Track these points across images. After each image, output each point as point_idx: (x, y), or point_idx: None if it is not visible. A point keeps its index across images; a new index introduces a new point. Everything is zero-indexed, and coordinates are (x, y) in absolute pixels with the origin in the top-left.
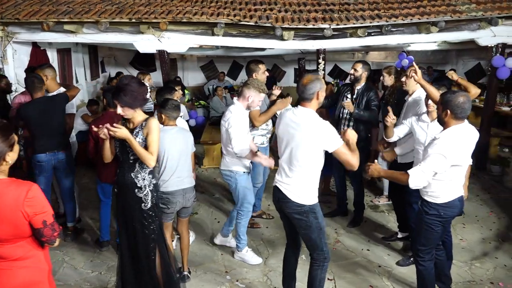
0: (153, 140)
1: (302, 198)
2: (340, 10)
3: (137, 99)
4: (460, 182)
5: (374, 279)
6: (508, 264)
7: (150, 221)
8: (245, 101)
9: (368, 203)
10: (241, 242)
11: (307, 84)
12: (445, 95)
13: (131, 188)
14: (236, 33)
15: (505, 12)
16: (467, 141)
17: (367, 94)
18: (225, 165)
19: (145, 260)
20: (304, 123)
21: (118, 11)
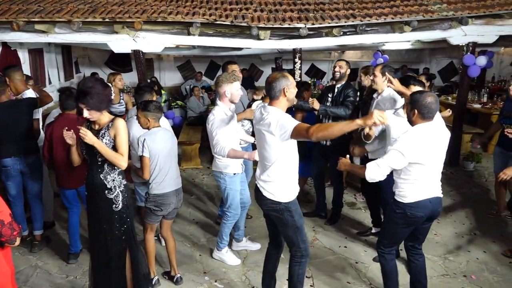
0: (122, 140)
1: (276, 196)
2: (315, 9)
3: (104, 101)
4: (431, 183)
5: (351, 276)
6: (480, 257)
7: (121, 223)
8: (225, 98)
9: (345, 200)
10: (222, 242)
11: (272, 82)
12: (414, 95)
13: (101, 190)
14: (212, 33)
15: (474, 12)
16: (432, 141)
17: (345, 91)
18: (216, 167)
19: (116, 262)
20: (267, 121)
21: (91, 11)
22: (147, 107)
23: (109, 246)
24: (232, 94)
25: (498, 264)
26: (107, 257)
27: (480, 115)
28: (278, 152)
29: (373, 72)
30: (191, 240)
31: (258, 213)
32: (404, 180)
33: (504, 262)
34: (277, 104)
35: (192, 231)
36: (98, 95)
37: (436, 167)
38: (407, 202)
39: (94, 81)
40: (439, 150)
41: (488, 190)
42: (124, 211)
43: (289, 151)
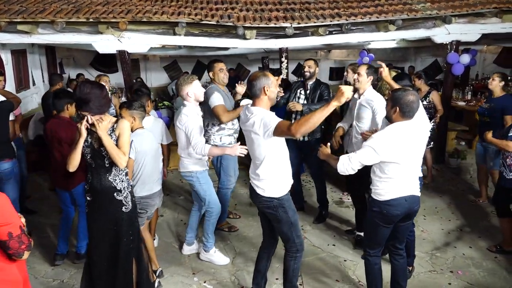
0: (125, 141)
1: (268, 192)
2: (301, 9)
3: (104, 103)
4: (407, 182)
5: (340, 274)
6: (466, 253)
7: (130, 223)
8: (190, 98)
9: (333, 198)
10: (208, 241)
11: (253, 80)
12: (396, 92)
13: (110, 192)
14: (198, 33)
15: (457, 11)
16: (409, 140)
17: (320, 88)
18: (184, 167)
19: (123, 264)
20: (251, 121)
21: (74, 11)
22: (133, 105)
23: (117, 248)
24: (194, 93)
25: (484, 259)
26: (113, 260)
27: (465, 113)
28: (266, 150)
29: (357, 72)
30: (179, 241)
31: (246, 213)
32: (380, 178)
33: (489, 257)
34: (259, 103)
35: (181, 232)
36: (98, 99)
37: (413, 166)
38: (383, 200)
39: (90, 86)
40: (416, 149)
41: (474, 186)
42: (133, 212)
43: (278, 147)
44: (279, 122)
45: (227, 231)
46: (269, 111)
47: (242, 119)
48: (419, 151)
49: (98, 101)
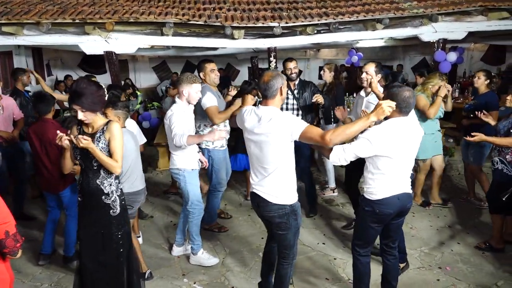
0: (116, 146)
1: (281, 199)
2: (288, 8)
3: (98, 102)
4: (400, 179)
5: (330, 272)
6: (454, 249)
7: (119, 227)
8: (183, 97)
9: (323, 197)
10: (195, 243)
11: (269, 81)
12: (392, 88)
13: (98, 195)
14: (186, 33)
15: (444, 9)
16: (403, 136)
17: (309, 87)
18: (173, 164)
19: (113, 269)
20: (269, 120)
21: (60, 12)
22: (118, 105)
23: (107, 251)
24: (189, 94)
25: (472, 255)
26: (103, 263)
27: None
28: (283, 154)
29: (365, 70)
30: (169, 242)
31: (236, 213)
32: (373, 175)
33: (477, 253)
34: (273, 103)
35: (170, 233)
36: (92, 96)
37: (405, 163)
38: (375, 199)
39: (87, 82)
40: (410, 146)
41: (461, 182)
42: (121, 216)
43: (292, 151)
44: (308, 127)
45: (217, 231)
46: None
47: (249, 122)
48: (412, 149)
49: (92, 98)
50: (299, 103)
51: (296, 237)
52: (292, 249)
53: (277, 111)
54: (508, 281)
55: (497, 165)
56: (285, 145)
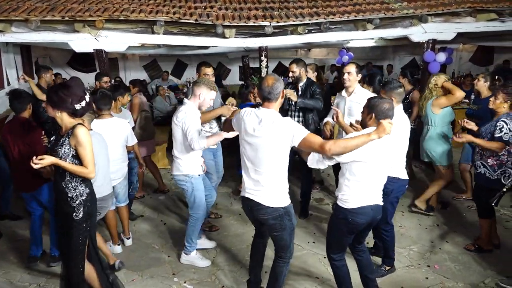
0: (84, 151)
1: (276, 201)
2: (280, 8)
3: (59, 102)
4: (373, 189)
5: (320, 270)
6: (442, 247)
7: (80, 232)
8: (197, 99)
9: (313, 196)
10: (191, 245)
11: (273, 84)
12: (372, 100)
13: (62, 198)
14: (177, 31)
15: (433, 10)
16: (380, 144)
17: (310, 88)
18: (179, 170)
19: (74, 270)
20: (271, 123)
21: (49, 9)
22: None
23: (68, 253)
24: (204, 99)
25: (460, 254)
26: (67, 264)
27: None
28: (279, 158)
29: (348, 71)
30: (159, 241)
31: (227, 212)
32: (348, 182)
33: (465, 251)
34: (274, 106)
35: (161, 233)
36: (56, 94)
37: (379, 171)
38: (349, 207)
39: (76, 81)
40: (384, 155)
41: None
42: (84, 221)
43: (287, 155)
44: (309, 134)
45: (207, 230)
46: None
47: (249, 123)
48: (385, 158)
49: (56, 95)
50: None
51: (291, 237)
52: (288, 249)
53: (278, 115)
54: (494, 279)
55: (480, 169)
56: (282, 149)
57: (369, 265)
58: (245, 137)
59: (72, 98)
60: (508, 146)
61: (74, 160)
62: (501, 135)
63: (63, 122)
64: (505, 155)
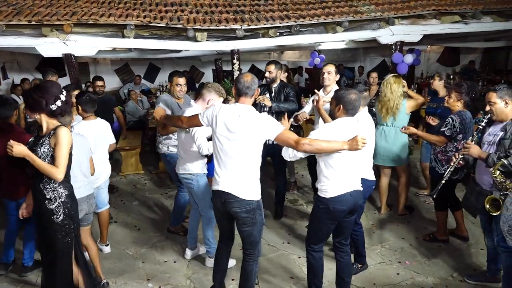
0: (60, 151)
1: (249, 194)
2: (251, 11)
3: (38, 104)
4: (351, 177)
5: (294, 270)
6: (413, 243)
7: (63, 234)
8: (204, 104)
9: (287, 197)
10: (211, 247)
11: (252, 80)
12: (339, 91)
13: (41, 200)
14: (148, 35)
15: (400, 13)
16: (351, 133)
17: (284, 90)
18: (185, 169)
19: (59, 274)
20: (246, 119)
21: (15, 13)
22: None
23: (52, 257)
24: (212, 106)
25: (429, 249)
26: (51, 269)
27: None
28: (254, 152)
29: (327, 70)
30: (133, 247)
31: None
32: (325, 173)
33: (434, 246)
34: (248, 102)
35: (134, 238)
36: (31, 97)
37: (354, 160)
38: (329, 196)
39: (53, 83)
40: None
41: (420, 179)
42: (65, 223)
43: (260, 149)
44: (285, 129)
45: (182, 234)
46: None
47: (227, 116)
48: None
49: (30, 98)
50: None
51: (260, 234)
52: (257, 246)
53: (255, 111)
54: (462, 272)
55: (432, 163)
56: (258, 143)
57: (349, 267)
58: (223, 132)
59: (46, 99)
60: (455, 142)
61: (52, 161)
62: (444, 130)
63: (44, 124)
64: (453, 151)
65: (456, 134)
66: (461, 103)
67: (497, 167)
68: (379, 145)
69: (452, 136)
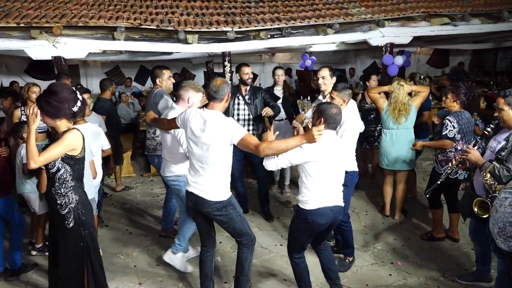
0: (54, 145)
1: (218, 195)
2: (241, 13)
3: (60, 109)
4: (332, 191)
5: (287, 273)
6: (405, 244)
7: (76, 241)
8: (185, 103)
9: (279, 199)
10: (181, 245)
11: (220, 85)
12: (321, 105)
13: (53, 205)
14: (138, 37)
15: (390, 15)
16: (331, 146)
17: (259, 93)
18: (170, 171)
19: (71, 281)
20: (213, 124)
21: (3, 15)
22: None
23: (65, 263)
24: (194, 102)
25: (421, 249)
26: (62, 274)
27: None
28: (222, 156)
29: (322, 75)
30: (124, 250)
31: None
32: (306, 183)
33: (426, 246)
34: (219, 108)
35: (126, 242)
36: (44, 99)
37: (335, 172)
38: (309, 208)
39: (62, 86)
40: (337, 158)
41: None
42: (77, 229)
43: (230, 153)
44: (247, 135)
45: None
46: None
47: (194, 124)
48: (339, 160)
49: (49, 105)
50: (250, 110)
51: (244, 224)
52: (246, 236)
53: (222, 116)
54: (454, 272)
55: (434, 164)
56: (225, 148)
57: (331, 257)
58: (191, 136)
59: (68, 103)
60: (455, 143)
61: (63, 164)
62: (446, 133)
63: (60, 129)
64: (452, 152)
65: (455, 134)
66: (458, 103)
67: (488, 170)
68: (387, 150)
69: (454, 137)
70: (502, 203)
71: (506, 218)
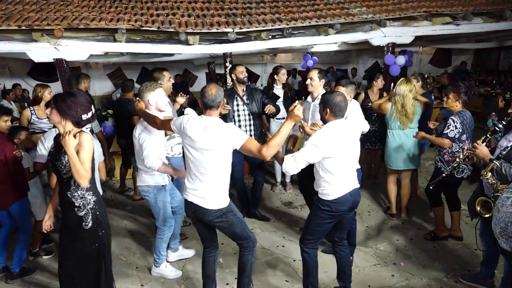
0: (84, 157)
1: (218, 203)
2: (242, 14)
3: (71, 109)
4: (348, 176)
5: (289, 274)
6: (407, 245)
7: (93, 241)
8: (150, 107)
9: (282, 200)
10: (160, 258)
11: (216, 92)
12: (325, 95)
13: (70, 208)
14: (139, 39)
15: (391, 14)
16: (344, 136)
17: (256, 94)
18: (142, 181)
19: (86, 281)
20: (215, 129)
21: (5, 18)
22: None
23: (81, 265)
24: (156, 102)
25: (424, 250)
26: (77, 276)
27: None
28: (222, 163)
29: (310, 76)
30: (126, 253)
31: None
32: (324, 177)
33: (429, 247)
34: (216, 114)
35: (128, 243)
36: (64, 101)
37: (350, 160)
38: (331, 199)
39: (83, 93)
40: (351, 144)
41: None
42: (95, 229)
43: (230, 159)
44: (248, 140)
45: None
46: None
47: (193, 130)
48: (353, 147)
49: (64, 102)
50: (250, 110)
51: (244, 228)
52: (247, 239)
53: (222, 122)
54: (457, 272)
55: (438, 163)
56: (226, 153)
57: (348, 261)
58: (190, 143)
59: (80, 108)
60: (455, 143)
61: None
62: (447, 132)
63: (63, 130)
64: (459, 152)
65: (459, 135)
66: (460, 103)
67: (489, 169)
68: (393, 150)
69: (455, 137)
70: (504, 202)
71: (508, 218)
